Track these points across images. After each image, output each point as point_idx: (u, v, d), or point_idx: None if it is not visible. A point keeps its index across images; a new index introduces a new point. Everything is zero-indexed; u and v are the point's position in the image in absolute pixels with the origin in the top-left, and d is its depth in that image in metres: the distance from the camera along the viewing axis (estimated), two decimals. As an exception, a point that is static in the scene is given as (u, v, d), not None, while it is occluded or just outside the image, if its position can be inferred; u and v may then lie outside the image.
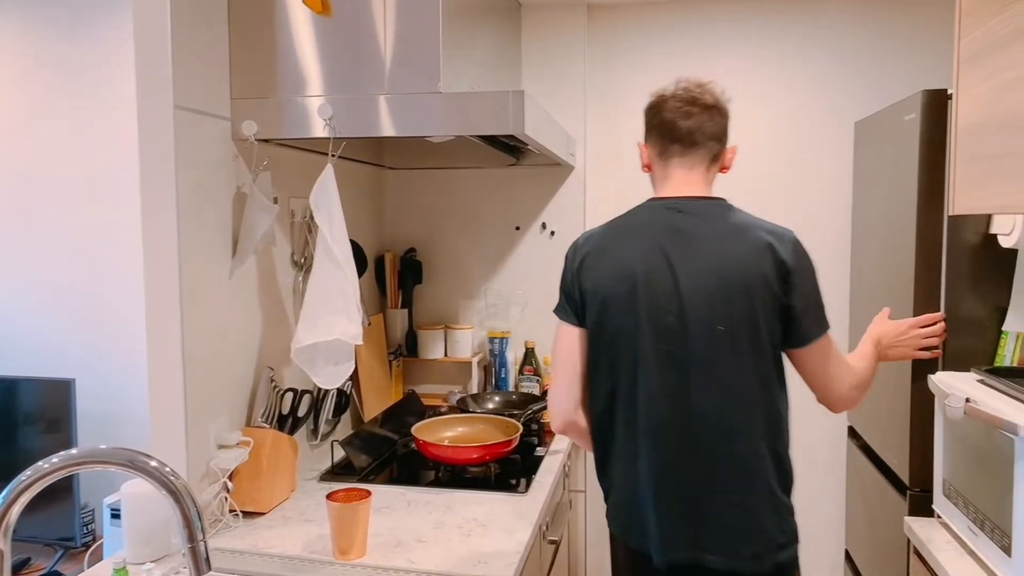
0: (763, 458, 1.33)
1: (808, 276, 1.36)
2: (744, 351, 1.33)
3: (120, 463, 0.90)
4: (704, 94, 1.45)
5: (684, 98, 1.45)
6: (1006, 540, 1.26)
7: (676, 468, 1.35)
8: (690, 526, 1.35)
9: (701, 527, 1.34)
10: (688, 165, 1.46)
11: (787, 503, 1.36)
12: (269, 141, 1.77)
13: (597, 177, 2.63)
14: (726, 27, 2.52)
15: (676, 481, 1.35)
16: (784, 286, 1.33)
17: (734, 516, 1.33)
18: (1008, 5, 1.34)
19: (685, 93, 1.45)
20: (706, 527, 1.34)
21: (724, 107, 1.47)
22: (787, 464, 1.37)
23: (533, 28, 2.58)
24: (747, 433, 1.33)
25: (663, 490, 1.36)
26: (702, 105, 1.44)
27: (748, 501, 1.33)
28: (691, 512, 1.35)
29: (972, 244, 1.74)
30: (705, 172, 1.47)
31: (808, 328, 1.36)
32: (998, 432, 1.28)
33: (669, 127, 1.45)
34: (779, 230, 1.38)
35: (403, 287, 2.64)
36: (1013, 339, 1.72)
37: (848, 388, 1.40)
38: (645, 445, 1.37)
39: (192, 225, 1.55)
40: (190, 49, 1.54)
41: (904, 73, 2.43)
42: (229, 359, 1.69)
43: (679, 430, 1.35)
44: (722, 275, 1.33)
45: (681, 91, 1.46)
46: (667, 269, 1.37)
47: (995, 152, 1.40)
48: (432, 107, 1.62)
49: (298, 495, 1.80)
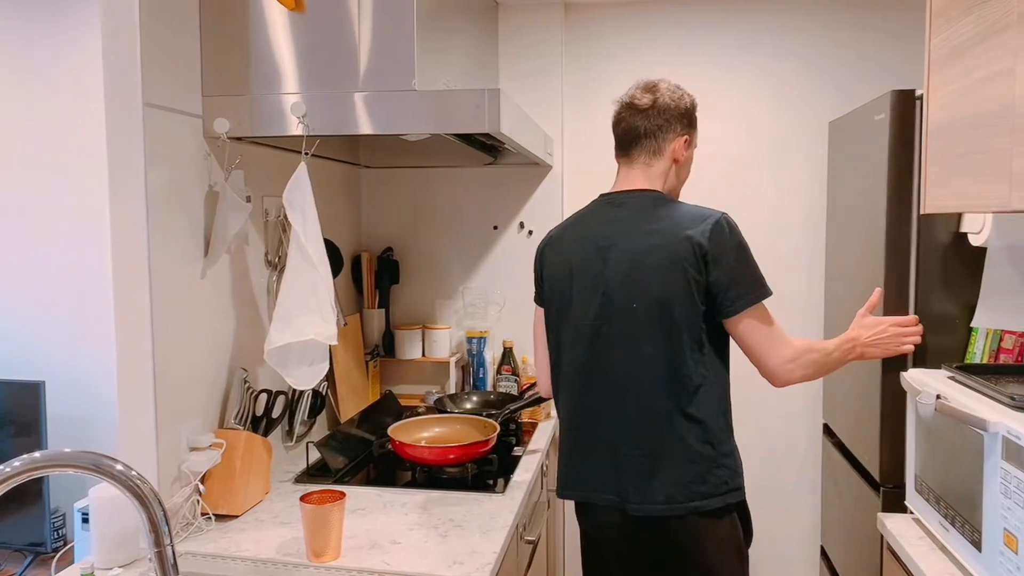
0: (672, 414, 1.49)
1: (728, 252, 1.47)
2: (657, 326, 1.49)
3: (85, 467, 0.88)
4: (642, 97, 1.62)
5: (623, 104, 1.65)
6: (976, 535, 1.27)
7: (596, 424, 1.56)
8: (609, 470, 1.54)
9: (618, 473, 1.53)
10: (628, 163, 1.65)
11: (709, 454, 1.49)
12: (242, 139, 1.75)
13: (575, 176, 2.63)
14: (702, 27, 2.53)
15: (596, 434, 1.56)
16: (703, 265, 1.47)
17: (643, 464, 1.50)
18: (975, 6, 1.36)
19: (625, 99, 1.65)
20: (621, 473, 1.52)
21: (666, 105, 1.62)
22: (708, 422, 1.49)
23: (510, 27, 2.58)
24: (654, 393, 1.49)
25: (587, 442, 1.58)
26: (636, 108, 1.62)
27: (657, 450, 1.49)
28: (609, 459, 1.54)
29: (943, 243, 1.77)
30: (645, 168, 1.63)
31: (733, 300, 1.47)
32: (968, 428, 1.29)
33: (614, 131, 1.67)
34: (703, 214, 1.51)
35: (380, 287, 2.62)
36: (983, 336, 1.75)
37: (783, 361, 1.48)
38: (567, 406, 1.62)
39: (163, 224, 1.52)
40: (160, 45, 1.52)
41: (879, 73, 2.46)
42: (201, 360, 1.67)
43: (594, 391, 1.56)
44: (638, 259, 1.51)
45: (624, 97, 1.66)
46: (597, 256, 1.57)
47: (962, 151, 1.42)
48: (407, 105, 1.61)
49: (272, 497, 1.78)
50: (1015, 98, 1.22)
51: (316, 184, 1.66)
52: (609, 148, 2.60)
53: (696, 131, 1.68)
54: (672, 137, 1.62)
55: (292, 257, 1.63)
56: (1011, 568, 1.17)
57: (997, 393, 1.30)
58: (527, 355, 2.59)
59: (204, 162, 1.67)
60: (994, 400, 1.30)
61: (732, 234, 1.49)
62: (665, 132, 1.62)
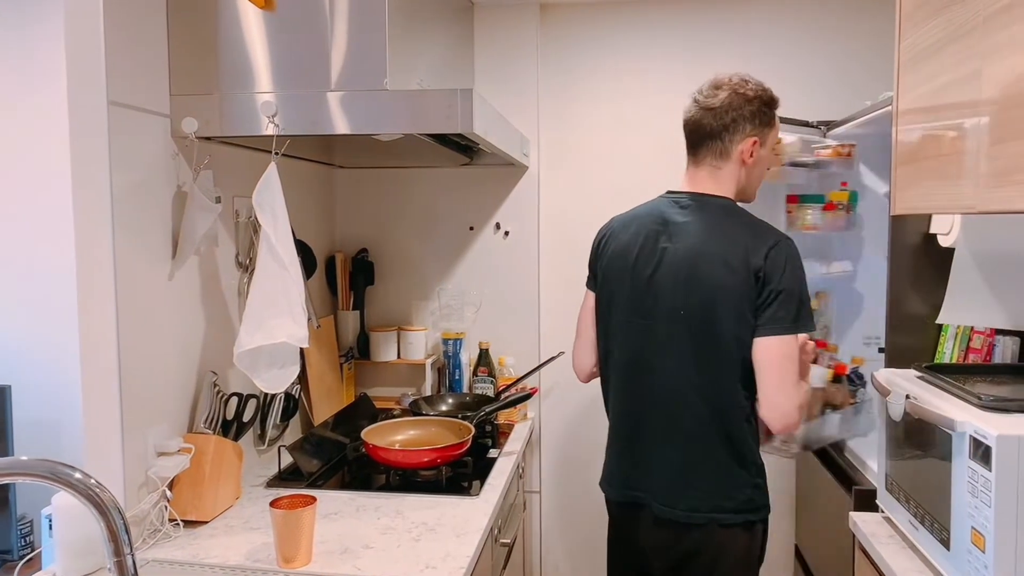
0: (706, 425, 1.51)
1: (779, 274, 1.46)
2: (702, 338, 1.50)
3: (41, 475, 0.85)
4: (710, 95, 1.58)
5: (693, 99, 1.61)
6: (945, 534, 1.28)
7: (633, 422, 1.60)
8: (644, 471, 1.59)
9: (645, 473, 1.59)
10: (695, 163, 1.62)
11: (738, 475, 1.53)
12: (211, 139, 1.72)
13: (551, 177, 2.63)
14: (682, 28, 2.53)
15: (633, 433, 1.60)
16: (755, 283, 1.46)
17: (676, 471, 1.55)
18: (941, 11, 1.37)
19: (696, 95, 1.61)
20: (649, 474, 1.58)
21: (732, 103, 1.56)
22: (738, 442, 1.52)
23: (485, 28, 2.56)
24: (694, 404, 1.52)
25: (624, 440, 1.63)
26: (704, 107, 1.58)
27: (687, 459, 1.53)
28: (645, 460, 1.59)
29: (913, 244, 1.78)
30: (713, 170, 1.60)
31: (765, 322, 1.47)
32: (937, 428, 1.31)
33: (684, 128, 1.63)
34: (766, 233, 1.51)
35: (354, 288, 2.60)
36: (952, 336, 1.77)
37: (794, 407, 1.48)
38: (614, 403, 1.66)
39: (129, 225, 1.50)
40: (125, 42, 1.49)
41: (863, 77, 2.46)
42: (169, 364, 1.64)
43: (639, 392, 1.59)
44: (693, 265, 1.51)
45: (696, 93, 1.61)
46: (655, 255, 1.56)
47: (930, 153, 1.43)
48: (379, 105, 1.59)
49: (243, 502, 1.75)
50: (981, 101, 1.23)
51: (289, 184, 1.64)
52: (584, 149, 2.62)
53: (772, 128, 1.61)
54: (740, 139, 1.57)
55: (262, 258, 1.61)
56: (979, 566, 1.18)
57: (965, 393, 1.32)
58: (503, 356, 2.58)
59: (172, 162, 1.64)
60: (962, 400, 1.31)
61: (790, 259, 1.48)
62: (732, 133, 1.56)
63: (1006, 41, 1.14)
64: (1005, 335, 1.69)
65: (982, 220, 1.67)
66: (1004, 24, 1.15)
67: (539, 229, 2.61)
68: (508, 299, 2.62)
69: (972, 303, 1.70)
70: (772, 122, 1.61)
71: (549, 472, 2.66)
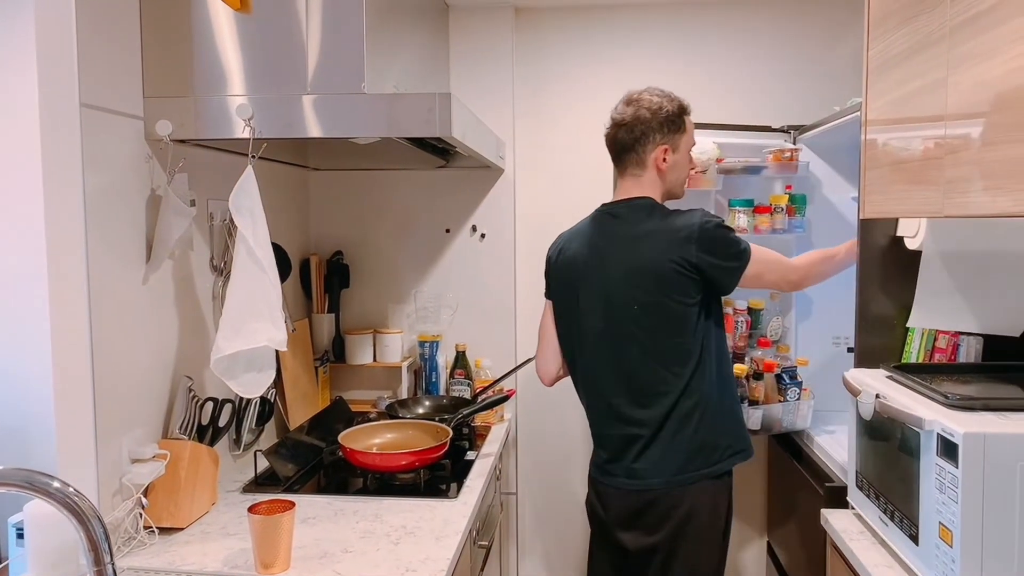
0: (666, 407, 1.67)
1: (712, 242, 1.65)
2: (654, 325, 1.67)
3: (17, 484, 0.84)
4: (623, 110, 1.75)
5: (611, 118, 1.78)
6: (913, 529, 1.32)
7: (608, 416, 1.75)
8: (615, 456, 1.74)
9: (623, 456, 1.73)
10: (620, 174, 1.80)
11: (690, 447, 1.68)
12: (186, 141, 1.70)
13: (527, 179, 2.64)
14: (656, 31, 2.56)
15: (609, 424, 1.76)
16: (695, 261, 1.64)
17: (642, 445, 1.70)
18: (910, 19, 1.41)
19: (612, 113, 1.77)
20: (625, 455, 1.72)
21: (642, 116, 1.72)
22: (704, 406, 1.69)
23: (461, 30, 2.57)
24: (658, 385, 1.68)
25: (602, 432, 1.79)
26: (616, 123, 1.76)
27: (659, 435, 1.68)
28: (618, 446, 1.74)
29: (881, 246, 1.83)
30: (634, 177, 1.77)
31: (725, 276, 1.68)
32: (905, 426, 1.34)
33: (606, 145, 1.81)
34: (688, 215, 1.68)
35: (330, 291, 2.58)
36: (919, 336, 1.81)
37: (799, 277, 1.84)
38: (586, 403, 1.83)
39: (102, 229, 1.47)
40: (98, 44, 1.47)
41: (832, 83, 2.51)
42: (143, 369, 1.62)
43: (610, 391, 1.74)
44: (633, 265, 1.68)
45: (612, 111, 1.78)
46: (598, 265, 1.73)
47: (898, 159, 1.47)
48: (357, 108, 1.59)
49: (219, 508, 1.73)
50: (947, 108, 1.26)
51: (263, 187, 1.62)
52: (559, 152, 2.63)
53: (684, 134, 1.76)
54: (652, 148, 1.73)
55: (240, 262, 1.59)
56: (946, 560, 1.22)
57: (932, 392, 1.35)
58: (480, 358, 2.58)
59: (146, 165, 1.62)
60: (930, 399, 1.35)
61: (714, 226, 1.66)
62: (644, 144, 1.73)
63: (971, 51, 1.18)
64: (969, 335, 1.74)
65: (948, 222, 1.72)
66: (970, 35, 1.18)
67: (515, 231, 2.62)
68: (485, 301, 2.63)
69: (941, 306, 1.74)
70: (682, 128, 1.76)
71: (526, 474, 2.68)
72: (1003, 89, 1.09)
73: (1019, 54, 1.05)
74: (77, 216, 1.42)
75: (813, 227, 2.34)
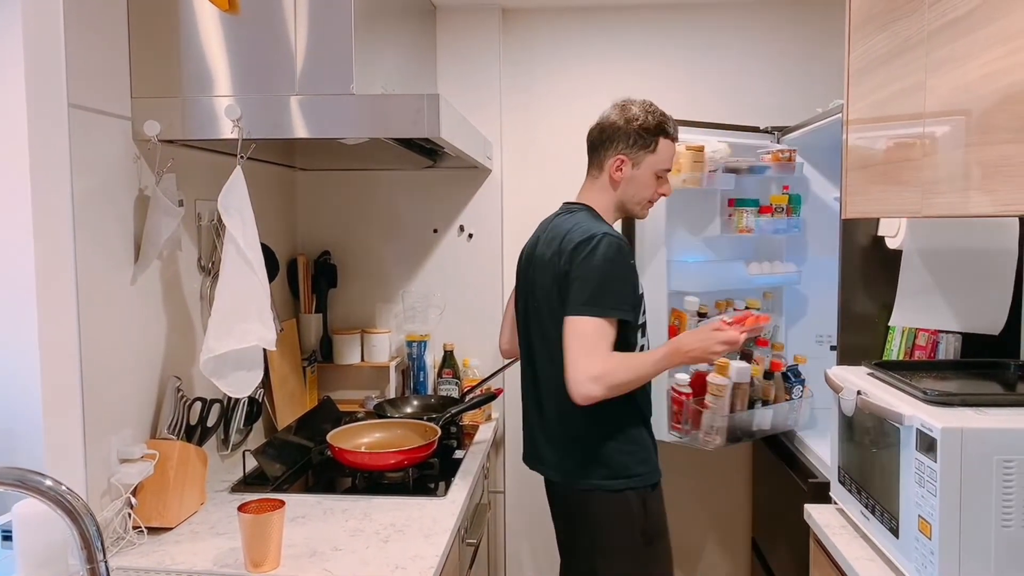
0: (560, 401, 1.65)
1: (581, 266, 1.59)
2: (550, 321, 1.69)
3: (10, 483, 0.85)
4: (606, 112, 1.74)
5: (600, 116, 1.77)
6: (894, 523, 1.35)
7: (526, 399, 1.85)
8: (529, 444, 1.85)
9: (532, 446, 1.83)
10: (587, 172, 1.81)
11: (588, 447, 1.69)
12: (174, 142, 1.70)
13: (514, 179, 2.66)
14: (640, 33, 2.58)
15: (527, 409, 1.85)
16: (565, 274, 1.63)
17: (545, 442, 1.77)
18: (889, 24, 1.44)
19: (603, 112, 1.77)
20: (535, 446, 1.81)
21: (612, 122, 1.71)
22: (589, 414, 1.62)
23: (448, 31, 2.58)
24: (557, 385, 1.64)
25: (528, 421, 1.86)
26: (596, 122, 1.76)
27: (553, 433, 1.74)
28: (530, 434, 1.84)
29: (863, 246, 1.86)
30: (591, 179, 1.79)
31: (567, 305, 1.60)
32: (886, 422, 1.37)
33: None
34: (587, 229, 1.63)
35: (317, 291, 2.58)
36: (899, 334, 1.84)
37: (586, 378, 1.54)
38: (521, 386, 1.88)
39: (90, 230, 1.47)
40: (86, 44, 1.47)
41: (819, 85, 2.54)
42: (132, 369, 1.62)
43: (531, 380, 1.81)
44: (539, 267, 1.73)
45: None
46: (533, 257, 1.78)
47: (878, 160, 1.50)
48: (345, 109, 1.60)
49: (208, 508, 1.74)
50: (925, 110, 1.29)
51: (250, 187, 1.63)
52: (546, 152, 2.65)
53: (651, 154, 1.70)
54: (611, 155, 1.71)
55: (230, 262, 1.60)
56: (925, 552, 1.24)
57: (912, 388, 1.38)
58: (468, 358, 2.59)
59: (134, 165, 1.62)
60: (909, 395, 1.38)
61: (597, 252, 1.58)
62: (606, 149, 1.72)
63: (949, 55, 1.21)
64: (948, 334, 1.78)
65: (927, 222, 1.75)
66: (947, 39, 1.21)
67: (503, 231, 2.63)
68: (472, 301, 2.64)
69: (922, 305, 1.78)
70: (651, 146, 1.70)
71: (513, 472, 2.69)
72: (980, 93, 1.12)
73: (994, 58, 1.08)
74: (65, 216, 1.42)
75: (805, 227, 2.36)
